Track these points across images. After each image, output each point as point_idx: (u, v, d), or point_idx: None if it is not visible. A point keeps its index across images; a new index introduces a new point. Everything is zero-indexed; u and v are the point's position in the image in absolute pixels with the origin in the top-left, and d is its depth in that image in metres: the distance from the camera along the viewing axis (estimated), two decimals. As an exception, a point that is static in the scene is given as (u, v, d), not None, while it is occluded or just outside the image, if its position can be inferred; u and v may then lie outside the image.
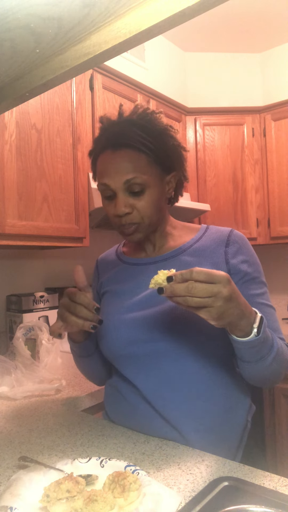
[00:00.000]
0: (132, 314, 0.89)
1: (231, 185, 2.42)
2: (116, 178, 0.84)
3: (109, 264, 1.04)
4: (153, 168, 0.86)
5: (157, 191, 0.87)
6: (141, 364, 0.87)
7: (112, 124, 0.89)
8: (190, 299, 0.65)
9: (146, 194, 0.85)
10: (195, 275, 0.65)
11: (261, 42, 2.36)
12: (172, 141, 0.90)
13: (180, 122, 2.36)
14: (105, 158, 0.86)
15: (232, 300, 0.66)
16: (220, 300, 0.65)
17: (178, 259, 0.91)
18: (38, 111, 1.54)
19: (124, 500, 0.63)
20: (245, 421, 0.92)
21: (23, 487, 0.66)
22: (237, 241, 0.90)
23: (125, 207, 0.85)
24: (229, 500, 0.62)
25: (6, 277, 1.83)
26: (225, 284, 0.65)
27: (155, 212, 0.88)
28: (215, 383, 0.87)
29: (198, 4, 0.49)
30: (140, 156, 0.84)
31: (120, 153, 0.84)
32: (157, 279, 0.68)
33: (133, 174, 0.83)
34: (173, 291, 0.66)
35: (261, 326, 0.72)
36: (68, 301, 0.82)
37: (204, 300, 0.64)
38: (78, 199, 1.67)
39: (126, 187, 0.84)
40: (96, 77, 1.81)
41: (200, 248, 0.91)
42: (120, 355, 0.90)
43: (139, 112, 0.90)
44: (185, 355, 0.85)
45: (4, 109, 0.78)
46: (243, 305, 0.69)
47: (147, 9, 0.52)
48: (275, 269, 2.72)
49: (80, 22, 0.56)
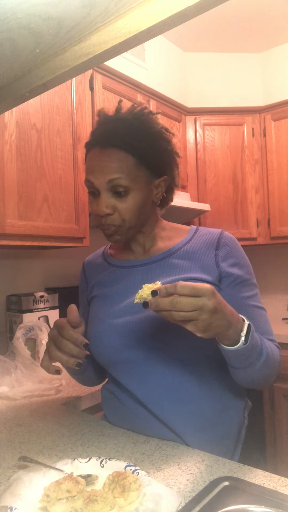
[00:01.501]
0: (123, 318, 0.87)
1: (231, 185, 2.42)
2: (100, 176, 0.83)
3: (97, 268, 1.02)
4: (140, 171, 0.84)
5: (141, 194, 0.85)
6: (134, 369, 0.87)
7: (107, 120, 0.88)
8: (175, 313, 0.65)
9: (130, 197, 0.83)
10: (179, 289, 0.64)
11: (261, 42, 2.37)
12: (166, 145, 0.88)
13: (180, 122, 2.36)
14: (93, 155, 0.85)
15: (218, 312, 0.66)
16: (205, 313, 0.64)
17: (167, 261, 0.90)
18: (38, 111, 1.54)
19: (124, 500, 0.62)
20: (241, 418, 0.92)
21: (23, 487, 0.66)
22: (227, 244, 0.89)
23: (106, 208, 0.83)
24: (229, 500, 0.62)
25: (6, 277, 1.83)
26: (209, 297, 0.65)
27: (137, 216, 0.86)
28: (210, 384, 0.87)
29: (198, 4, 0.49)
30: (127, 157, 0.82)
31: (107, 152, 0.82)
32: (142, 294, 0.68)
33: (117, 175, 0.81)
34: (158, 306, 0.66)
35: (248, 334, 0.72)
36: (56, 333, 0.80)
37: (189, 313, 0.64)
38: (78, 199, 1.67)
39: (109, 187, 0.83)
40: (96, 77, 1.81)
41: (190, 250, 0.90)
42: (113, 361, 0.89)
43: (135, 112, 0.88)
44: (178, 358, 0.84)
45: (4, 109, 0.78)
46: (229, 315, 0.68)
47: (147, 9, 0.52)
48: (275, 269, 2.72)
49: (80, 22, 0.56)
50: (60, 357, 0.79)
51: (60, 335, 0.79)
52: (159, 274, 0.88)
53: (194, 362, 0.85)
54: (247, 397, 0.97)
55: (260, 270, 2.75)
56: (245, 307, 0.85)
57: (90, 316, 0.95)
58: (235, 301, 0.84)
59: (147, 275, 0.90)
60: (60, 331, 0.79)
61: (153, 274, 0.89)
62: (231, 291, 0.86)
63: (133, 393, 0.87)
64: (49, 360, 0.81)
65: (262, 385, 0.84)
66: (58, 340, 0.79)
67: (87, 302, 1.02)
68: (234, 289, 0.86)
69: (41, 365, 0.82)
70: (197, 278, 0.85)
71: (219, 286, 0.87)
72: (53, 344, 0.80)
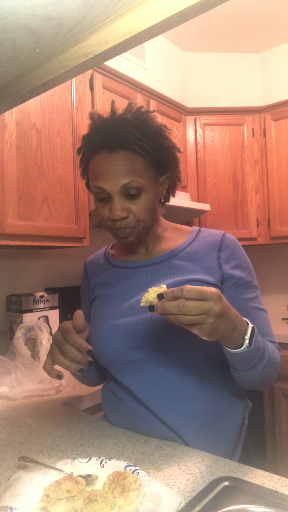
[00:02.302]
0: (126, 319, 0.87)
1: (231, 185, 2.42)
2: (112, 182, 0.81)
3: (99, 268, 1.01)
4: (149, 170, 0.84)
5: (152, 193, 0.86)
6: (136, 370, 0.87)
7: (106, 123, 0.86)
8: (181, 317, 0.65)
9: (142, 198, 0.83)
10: (186, 293, 0.64)
11: (261, 42, 2.37)
12: (167, 142, 0.88)
13: (180, 122, 2.36)
14: (101, 160, 0.83)
15: (224, 315, 0.66)
16: (211, 317, 0.64)
17: (170, 263, 0.90)
18: (38, 111, 1.54)
19: (124, 500, 0.62)
20: (242, 418, 0.92)
21: (23, 487, 0.66)
22: (229, 246, 0.89)
23: (121, 211, 0.83)
24: (229, 500, 0.62)
25: (6, 277, 1.83)
26: (216, 301, 0.65)
27: (150, 215, 0.87)
28: (211, 385, 0.87)
29: (198, 4, 0.49)
30: (136, 158, 0.82)
31: (117, 155, 0.81)
32: (148, 297, 0.68)
33: (130, 178, 0.81)
34: (164, 309, 0.65)
35: (252, 337, 0.72)
36: (60, 337, 0.80)
37: (196, 317, 0.64)
38: (78, 199, 1.67)
39: (122, 191, 0.82)
40: (96, 77, 1.81)
41: (193, 252, 0.90)
42: (115, 361, 0.89)
43: (133, 111, 0.86)
44: (180, 359, 0.85)
45: (4, 109, 0.78)
46: (234, 319, 0.69)
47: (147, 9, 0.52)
48: (275, 269, 2.72)
49: (80, 22, 0.56)
50: (63, 361, 0.78)
51: (64, 339, 0.79)
52: (162, 275, 0.88)
53: (196, 363, 0.85)
54: (247, 397, 0.97)
55: (260, 270, 2.75)
56: (246, 309, 0.85)
57: (92, 316, 0.95)
58: (237, 303, 0.84)
59: (150, 276, 0.90)
60: (64, 335, 0.79)
61: (156, 276, 0.89)
62: (233, 293, 0.86)
63: (134, 393, 0.87)
64: (51, 363, 0.80)
65: (263, 386, 0.84)
66: (62, 344, 0.79)
67: (88, 303, 1.02)
68: (236, 291, 0.86)
69: (44, 367, 0.81)
70: (200, 280, 0.85)
71: (222, 288, 0.87)
72: (57, 347, 0.79)
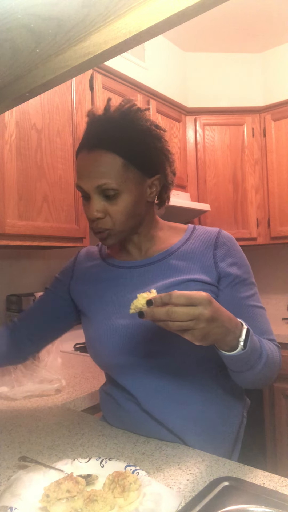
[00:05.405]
0: (124, 321, 0.86)
1: (231, 185, 2.42)
2: (88, 182, 0.81)
3: (91, 261, 0.99)
4: (129, 172, 0.81)
5: (132, 195, 0.82)
6: (134, 372, 0.86)
7: (94, 121, 0.85)
8: (171, 323, 0.63)
9: (120, 199, 0.81)
10: (174, 299, 0.63)
11: (261, 42, 2.36)
12: (155, 142, 0.85)
13: (180, 122, 2.36)
14: (81, 159, 0.82)
15: (215, 320, 0.65)
16: (202, 322, 0.63)
17: (165, 263, 0.89)
18: (38, 111, 1.54)
19: (124, 500, 0.62)
20: (241, 418, 0.92)
21: (23, 487, 0.66)
22: (225, 243, 0.88)
23: (96, 212, 0.81)
24: (229, 500, 0.62)
25: (6, 277, 1.83)
26: (206, 305, 0.63)
27: (129, 218, 0.83)
28: (209, 386, 0.87)
29: (198, 4, 0.49)
30: (114, 158, 0.79)
31: (94, 155, 0.80)
32: (137, 304, 0.67)
33: (105, 180, 0.79)
34: (154, 316, 0.64)
35: (247, 338, 0.70)
36: None
37: (186, 323, 0.63)
38: (78, 199, 1.67)
39: (99, 191, 0.81)
40: (96, 77, 1.81)
41: (188, 250, 0.89)
42: (113, 363, 0.88)
43: (122, 110, 0.84)
44: (178, 360, 0.84)
45: (4, 109, 0.78)
46: (227, 322, 0.67)
47: (147, 9, 0.52)
48: (275, 269, 2.72)
49: (80, 22, 0.56)
50: None
51: None
52: (158, 275, 0.87)
53: (194, 365, 0.85)
54: (246, 395, 0.97)
55: (260, 270, 2.75)
56: (244, 307, 0.84)
57: (89, 317, 0.93)
58: (234, 301, 0.83)
59: (146, 276, 0.89)
60: None
61: (151, 276, 0.88)
62: (230, 291, 0.85)
63: (132, 395, 0.87)
64: None
65: (263, 385, 0.83)
66: None
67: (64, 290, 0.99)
68: (233, 289, 0.85)
69: None
70: (197, 280, 0.84)
71: (218, 287, 0.86)
72: None
